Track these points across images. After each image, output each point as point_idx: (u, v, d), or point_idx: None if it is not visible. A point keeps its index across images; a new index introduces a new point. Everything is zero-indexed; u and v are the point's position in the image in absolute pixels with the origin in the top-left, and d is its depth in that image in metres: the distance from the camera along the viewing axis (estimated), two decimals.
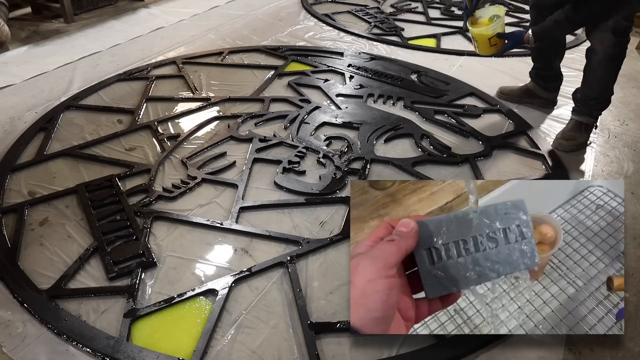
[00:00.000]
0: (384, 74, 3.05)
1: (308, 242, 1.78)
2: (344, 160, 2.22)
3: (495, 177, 2.22)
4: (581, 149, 2.43)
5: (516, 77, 3.13)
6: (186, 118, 2.54)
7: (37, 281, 1.62)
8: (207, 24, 3.81)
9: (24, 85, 2.81)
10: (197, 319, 1.53)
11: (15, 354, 1.40)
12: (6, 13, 3.39)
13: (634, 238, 1.93)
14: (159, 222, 1.86)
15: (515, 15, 4.27)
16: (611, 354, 1.49)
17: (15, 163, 2.15)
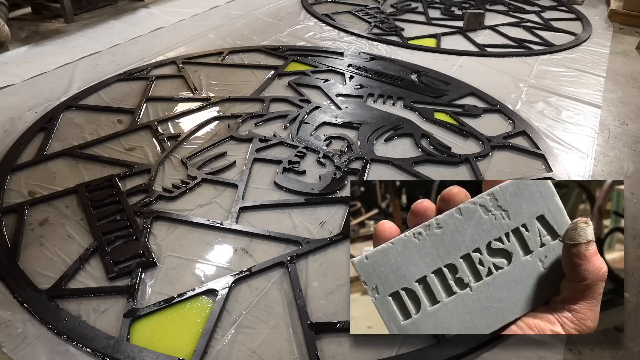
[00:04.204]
0: (384, 74, 3.05)
1: (308, 242, 1.78)
2: (344, 160, 2.22)
3: (495, 177, 2.22)
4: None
5: (516, 77, 3.13)
6: (186, 118, 2.54)
7: (37, 281, 1.61)
8: (207, 24, 3.81)
9: (24, 85, 2.81)
10: (197, 319, 1.53)
11: (15, 354, 1.40)
12: (6, 13, 3.39)
13: (634, 238, 1.93)
14: (159, 222, 1.86)
15: (515, 15, 4.27)
16: (611, 354, 1.49)
17: (15, 163, 2.15)
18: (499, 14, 4.30)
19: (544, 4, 4.56)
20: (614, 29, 4.07)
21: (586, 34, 3.86)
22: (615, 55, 3.57)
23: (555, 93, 2.97)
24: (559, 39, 3.75)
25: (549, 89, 3.00)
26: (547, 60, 3.41)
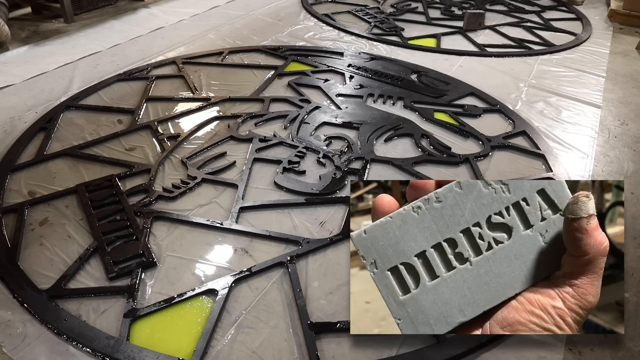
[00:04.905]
0: (384, 74, 3.05)
1: (308, 242, 1.78)
2: (344, 160, 2.21)
3: (495, 177, 2.22)
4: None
5: (516, 77, 3.13)
6: (186, 118, 2.54)
7: (37, 281, 1.61)
8: (207, 24, 3.81)
9: (24, 85, 2.81)
10: (197, 319, 1.53)
11: (15, 354, 1.40)
12: (6, 13, 3.40)
13: (634, 238, 1.93)
14: (159, 222, 1.86)
15: (515, 15, 4.27)
16: (611, 354, 1.49)
17: (15, 163, 2.15)
18: (499, 14, 4.30)
19: (544, 4, 4.56)
20: (614, 29, 4.07)
21: (586, 34, 3.86)
22: (615, 55, 3.57)
23: (555, 93, 2.97)
24: (559, 39, 3.75)
25: (549, 89, 3.01)
26: (547, 60, 3.41)
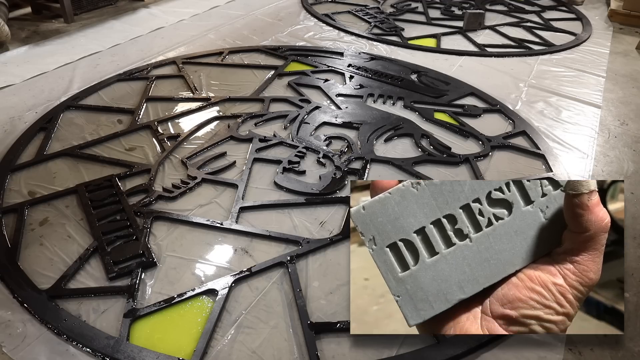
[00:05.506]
0: (384, 74, 3.05)
1: (308, 242, 1.78)
2: (344, 160, 2.21)
3: (495, 177, 2.22)
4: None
5: (516, 77, 3.13)
6: (186, 118, 2.54)
7: (37, 281, 1.61)
8: (207, 24, 3.81)
9: (24, 85, 2.81)
10: (197, 319, 1.53)
11: (15, 354, 1.40)
12: (6, 13, 3.39)
13: (634, 238, 1.93)
14: (159, 222, 1.86)
15: (515, 15, 4.27)
16: (611, 354, 1.49)
17: (15, 163, 2.15)
18: (499, 14, 4.30)
19: (544, 4, 4.56)
20: (614, 29, 4.07)
21: (586, 34, 3.86)
22: (615, 55, 3.57)
23: (555, 93, 2.97)
24: (559, 39, 3.75)
25: (549, 89, 3.01)
26: (547, 60, 3.41)
